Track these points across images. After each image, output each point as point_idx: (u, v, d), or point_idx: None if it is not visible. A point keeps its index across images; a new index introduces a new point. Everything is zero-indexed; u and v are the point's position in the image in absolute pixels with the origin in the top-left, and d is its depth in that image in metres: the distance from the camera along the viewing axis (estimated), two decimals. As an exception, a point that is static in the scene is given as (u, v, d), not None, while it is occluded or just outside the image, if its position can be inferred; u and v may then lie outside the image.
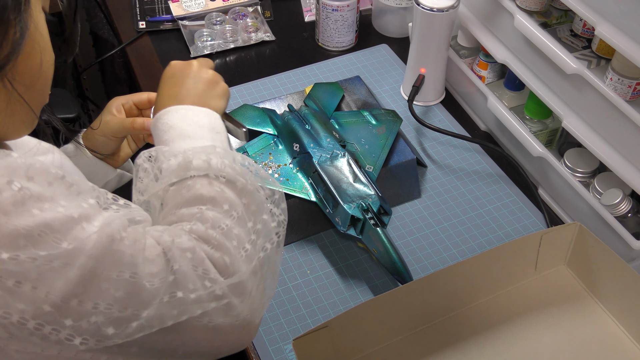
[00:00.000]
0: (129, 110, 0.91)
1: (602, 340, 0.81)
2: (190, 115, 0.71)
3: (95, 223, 0.53)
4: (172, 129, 0.69)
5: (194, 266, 0.57)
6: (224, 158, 0.65)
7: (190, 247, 0.57)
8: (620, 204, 0.88)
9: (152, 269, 0.54)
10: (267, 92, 1.18)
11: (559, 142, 1.05)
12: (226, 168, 0.64)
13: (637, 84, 0.87)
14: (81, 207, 0.53)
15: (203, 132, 0.69)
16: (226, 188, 0.63)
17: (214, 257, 0.58)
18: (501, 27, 1.02)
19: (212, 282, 0.57)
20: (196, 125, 0.70)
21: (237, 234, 0.61)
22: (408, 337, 0.82)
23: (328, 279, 0.91)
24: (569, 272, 0.88)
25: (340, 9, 1.20)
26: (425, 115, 1.14)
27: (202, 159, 0.64)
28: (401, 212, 1.00)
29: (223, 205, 0.62)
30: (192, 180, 0.63)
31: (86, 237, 0.52)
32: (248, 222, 0.63)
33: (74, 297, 0.51)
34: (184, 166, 0.64)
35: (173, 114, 0.71)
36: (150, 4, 1.34)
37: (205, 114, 0.71)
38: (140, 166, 0.66)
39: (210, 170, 0.63)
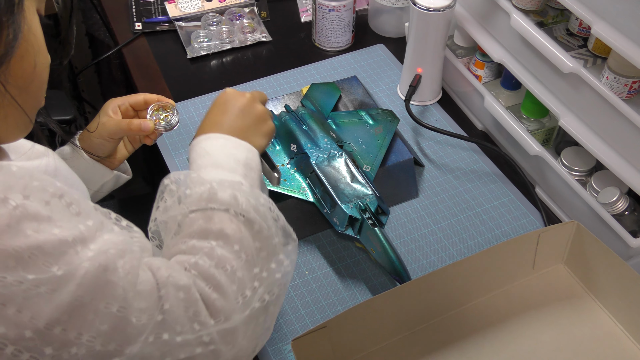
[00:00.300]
0: (126, 112, 0.91)
1: (600, 338, 0.81)
2: (228, 147, 0.70)
3: (91, 246, 0.52)
4: (208, 156, 0.69)
5: (185, 307, 0.56)
6: (248, 197, 0.64)
7: (186, 285, 0.56)
8: (617, 202, 0.88)
9: (141, 304, 0.53)
10: (264, 92, 1.18)
11: (556, 140, 1.05)
12: (249, 207, 0.63)
13: (633, 83, 0.88)
14: (77, 229, 0.52)
15: (237, 166, 0.69)
16: (243, 227, 0.63)
17: (210, 298, 0.57)
18: (497, 27, 1.02)
19: (201, 325, 0.56)
20: (232, 157, 0.69)
21: (241, 277, 0.60)
22: (407, 337, 0.83)
23: (326, 279, 0.92)
24: (567, 270, 0.88)
25: (337, 9, 1.20)
26: (422, 115, 1.14)
27: (227, 193, 0.63)
28: (399, 211, 1.00)
29: (234, 245, 0.61)
30: (213, 212, 0.63)
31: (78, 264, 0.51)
32: (255, 268, 0.62)
33: (57, 325, 0.50)
34: (208, 197, 0.63)
35: (212, 141, 0.70)
36: (146, 5, 1.34)
37: (244, 148, 0.71)
38: (166, 186, 0.66)
39: (233, 206, 0.63)
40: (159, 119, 0.92)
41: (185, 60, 1.25)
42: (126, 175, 0.98)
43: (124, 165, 0.99)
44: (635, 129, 0.80)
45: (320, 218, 0.96)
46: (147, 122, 0.89)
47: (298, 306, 0.88)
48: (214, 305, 0.57)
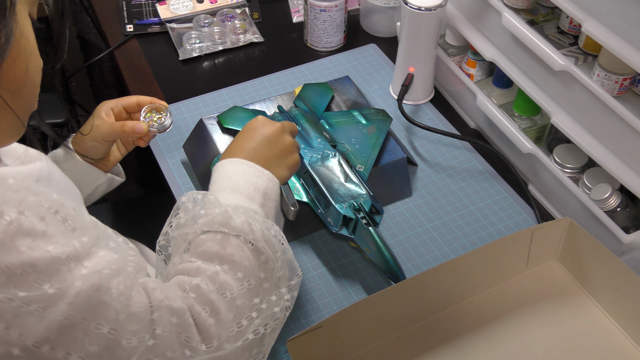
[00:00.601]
0: (118, 114, 0.91)
1: (594, 333, 0.82)
2: (250, 173, 0.71)
3: (85, 264, 0.52)
4: (229, 179, 0.70)
5: (177, 332, 0.56)
6: (261, 226, 0.65)
7: (180, 309, 0.56)
8: (610, 198, 0.89)
9: (133, 327, 0.53)
10: (257, 93, 1.18)
11: (548, 138, 1.06)
12: (259, 237, 0.64)
13: (623, 80, 0.88)
14: (72, 246, 0.52)
15: (256, 194, 0.69)
16: (251, 256, 0.63)
17: (205, 323, 0.57)
18: (489, 25, 1.03)
19: (192, 351, 0.56)
20: (252, 185, 0.70)
21: (239, 305, 0.60)
22: (402, 336, 0.83)
23: (321, 279, 0.92)
24: (561, 267, 0.89)
25: (329, 10, 1.20)
26: (415, 114, 1.14)
27: (241, 220, 0.64)
28: (393, 211, 1.00)
29: (239, 272, 0.62)
30: (224, 236, 0.63)
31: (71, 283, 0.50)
32: (256, 298, 0.62)
33: (46, 344, 0.49)
34: (221, 221, 0.64)
35: (236, 166, 0.71)
36: (137, 7, 1.34)
37: (266, 177, 0.71)
38: (183, 204, 0.67)
39: (244, 233, 0.63)
40: (152, 120, 0.92)
41: (177, 62, 1.24)
42: (119, 178, 0.98)
43: (117, 167, 0.98)
44: (627, 125, 0.81)
45: (315, 218, 0.96)
46: (141, 124, 0.89)
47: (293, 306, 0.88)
48: (208, 331, 0.57)
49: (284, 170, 0.75)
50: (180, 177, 1.04)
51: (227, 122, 1.03)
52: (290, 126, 0.79)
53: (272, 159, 0.73)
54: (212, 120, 1.04)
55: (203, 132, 1.03)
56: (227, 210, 0.64)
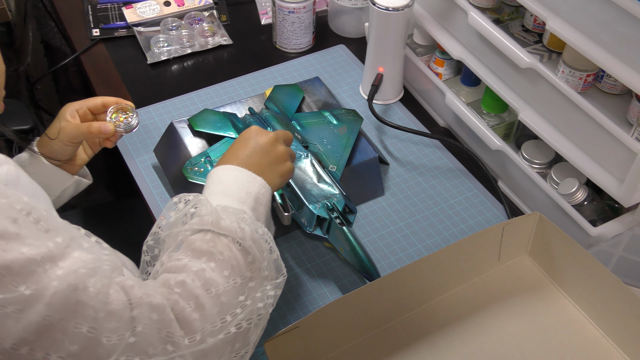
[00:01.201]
0: (84, 116, 0.90)
1: (565, 325, 0.83)
2: (243, 179, 0.72)
3: (60, 264, 0.52)
4: (221, 184, 0.71)
5: (158, 328, 0.56)
6: (249, 226, 0.66)
7: (160, 305, 0.56)
8: (577, 192, 0.91)
9: (112, 324, 0.53)
10: (227, 96, 1.18)
11: (516, 134, 1.08)
12: (247, 236, 0.65)
13: (587, 76, 0.90)
14: (46, 247, 0.52)
15: (247, 198, 0.71)
16: (239, 255, 0.64)
17: (189, 318, 0.58)
18: (455, 25, 1.04)
19: (174, 346, 0.56)
20: (244, 189, 0.71)
21: (224, 302, 0.61)
22: (378, 334, 0.83)
23: (296, 280, 0.92)
24: (531, 261, 0.90)
25: (297, 11, 1.20)
26: (385, 114, 1.15)
27: (230, 220, 0.65)
28: (366, 210, 1.01)
29: (225, 270, 0.62)
30: (214, 235, 0.65)
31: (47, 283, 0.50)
32: (240, 295, 0.63)
33: (25, 345, 0.49)
34: (212, 221, 0.65)
35: (229, 172, 0.73)
36: (103, 11, 1.32)
37: (258, 183, 0.73)
38: (174, 204, 0.68)
39: (232, 233, 0.65)
40: (118, 121, 0.91)
41: (145, 65, 1.23)
42: (87, 180, 0.97)
43: (84, 170, 0.97)
44: (591, 120, 0.82)
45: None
46: (107, 125, 0.89)
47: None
48: (192, 325, 0.57)
49: (276, 177, 0.76)
50: (152, 182, 1.03)
51: (197, 125, 1.02)
52: (284, 135, 0.80)
53: (265, 167, 0.75)
54: (183, 124, 1.03)
55: (174, 135, 1.02)
56: (217, 211, 0.65)
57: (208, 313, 0.59)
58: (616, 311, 0.79)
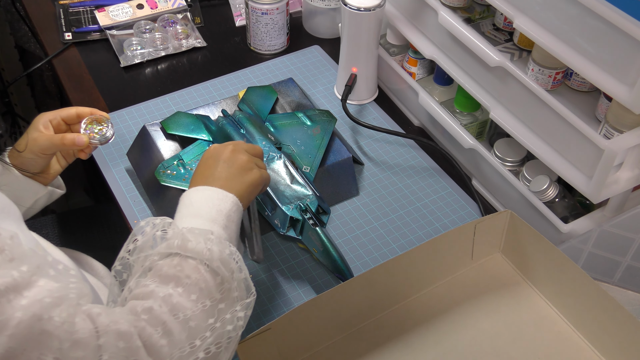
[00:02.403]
0: (57, 126, 0.89)
1: (538, 322, 0.84)
2: (214, 197, 0.72)
3: (25, 294, 0.51)
4: (191, 206, 0.71)
5: (125, 356, 0.55)
6: (216, 247, 0.65)
7: (127, 332, 0.56)
8: (548, 190, 0.91)
9: (78, 354, 0.52)
10: (201, 98, 1.17)
11: (489, 133, 1.08)
12: (215, 258, 0.64)
13: (556, 74, 0.91)
14: (10, 277, 0.51)
15: (218, 217, 0.70)
16: (208, 277, 0.64)
17: (157, 345, 0.57)
18: (427, 24, 1.04)
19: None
20: (215, 208, 0.71)
21: (193, 327, 0.60)
22: (352, 334, 0.83)
23: (270, 281, 0.92)
24: (504, 258, 0.91)
25: (270, 12, 1.20)
26: (360, 114, 1.15)
27: (196, 242, 0.64)
28: (340, 210, 1.01)
29: (193, 294, 0.62)
30: (180, 259, 0.64)
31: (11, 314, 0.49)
32: (210, 318, 0.62)
33: None
34: (179, 244, 0.64)
35: (199, 193, 0.72)
36: (75, 14, 1.31)
37: (229, 201, 0.72)
38: (141, 228, 0.67)
39: (200, 255, 0.64)
40: (93, 132, 0.90)
41: (118, 69, 1.23)
42: (60, 190, 0.96)
43: (57, 180, 0.96)
44: (560, 118, 0.83)
45: (262, 221, 0.96)
46: (81, 137, 0.87)
47: (243, 311, 0.88)
48: (160, 352, 0.57)
49: (245, 188, 0.75)
50: (125, 185, 1.02)
51: (170, 127, 1.02)
52: (244, 144, 0.80)
53: (232, 179, 0.75)
54: (156, 127, 1.03)
55: (146, 138, 1.01)
56: (184, 234, 0.65)
57: (176, 338, 0.58)
58: (586, 307, 0.80)
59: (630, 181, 0.84)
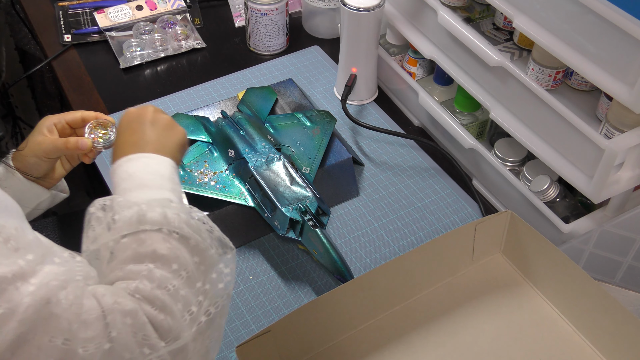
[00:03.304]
0: (62, 130, 0.88)
1: (539, 322, 0.84)
2: (152, 164, 0.70)
3: (32, 281, 0.51)
4: (132, 178, 0.68)
5: (133, 332, 0.55)
6: (180, 212, 0.64)
7: (132, 310, 0.56)
8: (548, 189, 0.91)
9: (88, 334, 0.52)
10: (201, 99, 1.17)
11: (490, 133, 1.08)
12: (181, 223, 0.63)
13: (557, 73, 0.91)
14: (17, 265, 0.51)
15: (163, 182, 0.68)
16: (179, 245, 0.62)
17: (157, 320, 0.57)
18: (426, 24, 1.04)
19: (151, 348, 0.55)
20: (157, 175, 0.69)
21: (184, 295, 0.60)
22: (353, 335, 0.83)
23: (271, 283, 0.91)
24: (505, 259, 0.90)
25: (269, 13, 1.20)
26: (360, 114, 1.15)
27: (157, 213, 0.63)
28: (340, 211, 1.00)
29: (172, 264, 0.61)
30: (145, 234, 0.62)
31: (19, 300, 0.50)
32: (197, 282, 0.62)
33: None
34: (138, 219, 0.62)
35: (134, 162, 0.70)
36: (74, 16, 1.31)
37: (167, 164, 0.71)
38: (93, 215, 0.64)
39: (164, 225, 0.62)
40: (97, 136, 0.90)
41: (118, 70, 1.22)
42: (63, 194, 0.95)
43: (62, 183, 0.96)
44: (560, 118, 0.83)
45: (262, 223, 0.95)
46: (85, 140, 0.87)
47: (243, 312, 0.88)
48: (162, 326, 0.57)
49: (175, 147, 0.74)
50: (125, 188, 1.02)
51: (169, 129, 1.02)
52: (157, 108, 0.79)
53: (162, 141, 0.73)
54: (155, 129, 1.02)
55: (146, 140, 1.01)
56: (141, 207, 0.63)
57: (174, 310, 0.58)
58: (587, 307, 0.79)
59: (631, 181, 0.83)
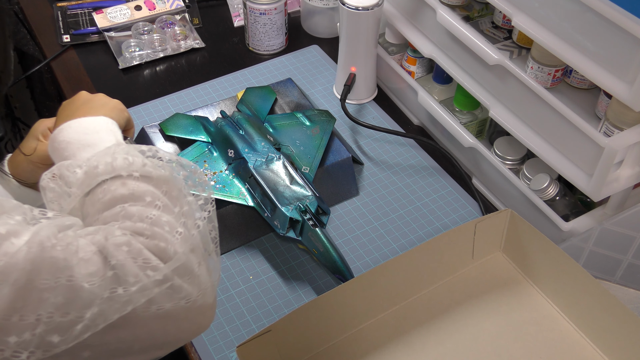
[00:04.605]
0: None
1: (539, 321, 0.84)
2: (84, 125, 0.70)
3: (24, 237, 0.52)
4: (70, 144, 0.69)
5: (132, 258, 0.55)
6: (130, 154, 0.63)
7: (125, 241, 0.56)
8: (548, 188, 0.91)
9: (89, 269, 0.53)
10: (200, 99, 1.17)
11: (489, 131, 1.08)
12: (135, 163, 0.62)
13: (556, 71, 0.91)
14: (8, 225, 0.52)
15: (102, 136, 0.69)
16: (141, 183, 0.62)
17: (151, 246, 0.57)
18: (425, 23, 1.04)
19: (154, 269, 0.56)
20: (93, 132, 0.69)
21: (167, 220, 0.60)
22: (353, 335, 0.83)
23: (271, 283, 0.91)
24: (505, 257, 0.90)
25: (268, 12, 1.20)
26: (359, 113, 1.15)
27: (107, 162, 0.62)
28: (340, 210, 1.00)
29: (145, 198, 0.61)
30: (105, 184, 0.62)
31: (16, 251, 0.51)
32: (174, 208, 0.62)
33: (14, 313, 0.50)
34: (91, 174, 0.62)
35: (67, 130, 0.70)
36: (73, 17, 1.31)
37: (101, 120, 0.71)
38: (46, 187, 0.64)
39: (119, 171, 0.62)
40: None
41: (117, 70, 1.22)
42: None
43: None
44: (559, 116, 0.83)
45: (262, 222, 0.95)
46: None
47: (244, 312, 0.88)
48: (158, 250, 0.57)
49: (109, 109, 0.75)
50: (124, 188, 1.02)
51: (169, 129, 1.02)
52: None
53: (95, 108, 0.74)
54: (154, 129, 1.03)
55: (145, 140, 1.01)
56: (90, 162, 0.63)
57: (162, 233, 0.58)
58: (587, 305, 0.80)
59: (630, 179, 0.83)
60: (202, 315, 0.60)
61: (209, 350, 0.84)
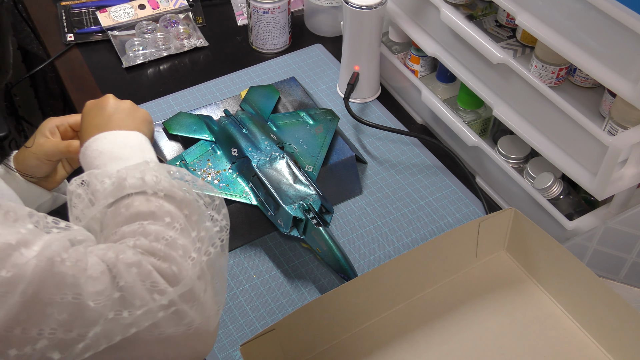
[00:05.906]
0: (64, 133, 0.88)
1: (543, 320, 0.83)
2: (119, 138, 0.71)
3: (34, 247, 0.52)
4: (102, 155, 0.69)
5: (141, 280, 0.56)
6: (158, 172, 0.64)
7: (136, 261, 0.57)
8: (552, 187, 0.91)
9: (96, 287, 0.54)
10: (203, 98, 1.17)
11: (493, 130, 1.08)
12: (162, 182, 0.64)
13: (560, 70, 0.90)
14: (19, 234, 0.52)
15: (133, 152, 0.70)
16: (165, 202, 0.63)
17: (162, 268, 0.57)
18: (429, 21, 1.04)
19: (161, 293, 0.56)
20: (126, 147, 0.70)
21: (182, 244, 0.60)
22: (357, 333, 0.83)
23: (274, 281, 0.91)
24: (509, 256, 0.90)
25: (272, 11, 1.20)
26: (363, 112, 1.15)
27: (136, 177, 0.63)
28: (343, 209, 1.00)
29: (164, 218, 0.61)
30: (130, 198, 0.63)
31: (25, 263, 0.51)
32: (192, 232, 0.62)
33: (17, 325, 0.50)
34: (118, 186, 0.63)
35: (102, 140, 0.71)
36: (77, 15, 1.31)
37: (134, 136, 0.72)
38: (73, 192, 0.65)
39: (146, 187, 0.63)
40: None
41: (121, 69, 1.22)
42: (64, 196, 0.95)
43: (63, 185, 0.96)
44: (563, 115, 0.82)
45: (265, 221, 0.95)
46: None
47: (247, 311, 0.88)
48: (168, 273, 0.57)
49: (140, 122, 0.75)
50: (128, 187, 1.02)
51: (172, 128, 1.02)
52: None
53: (126, 120, 0.74)
54: (158, 127, 1.03)
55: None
56: (120, 175, 0.64)
57: (175, 257, 0.59)
58: (592, 304, 0.79)
59: (635, 177, 0.83)
60: (203, 343, 0.60)
61: (213, 349, 0.84)
